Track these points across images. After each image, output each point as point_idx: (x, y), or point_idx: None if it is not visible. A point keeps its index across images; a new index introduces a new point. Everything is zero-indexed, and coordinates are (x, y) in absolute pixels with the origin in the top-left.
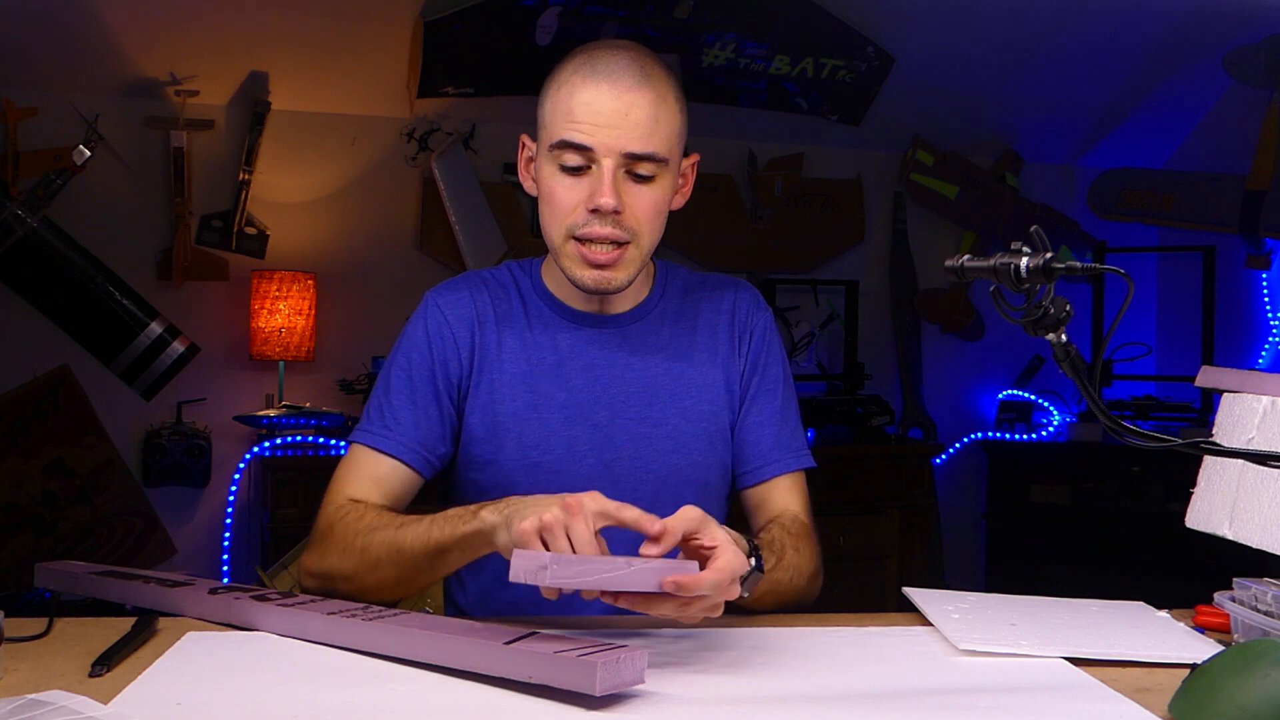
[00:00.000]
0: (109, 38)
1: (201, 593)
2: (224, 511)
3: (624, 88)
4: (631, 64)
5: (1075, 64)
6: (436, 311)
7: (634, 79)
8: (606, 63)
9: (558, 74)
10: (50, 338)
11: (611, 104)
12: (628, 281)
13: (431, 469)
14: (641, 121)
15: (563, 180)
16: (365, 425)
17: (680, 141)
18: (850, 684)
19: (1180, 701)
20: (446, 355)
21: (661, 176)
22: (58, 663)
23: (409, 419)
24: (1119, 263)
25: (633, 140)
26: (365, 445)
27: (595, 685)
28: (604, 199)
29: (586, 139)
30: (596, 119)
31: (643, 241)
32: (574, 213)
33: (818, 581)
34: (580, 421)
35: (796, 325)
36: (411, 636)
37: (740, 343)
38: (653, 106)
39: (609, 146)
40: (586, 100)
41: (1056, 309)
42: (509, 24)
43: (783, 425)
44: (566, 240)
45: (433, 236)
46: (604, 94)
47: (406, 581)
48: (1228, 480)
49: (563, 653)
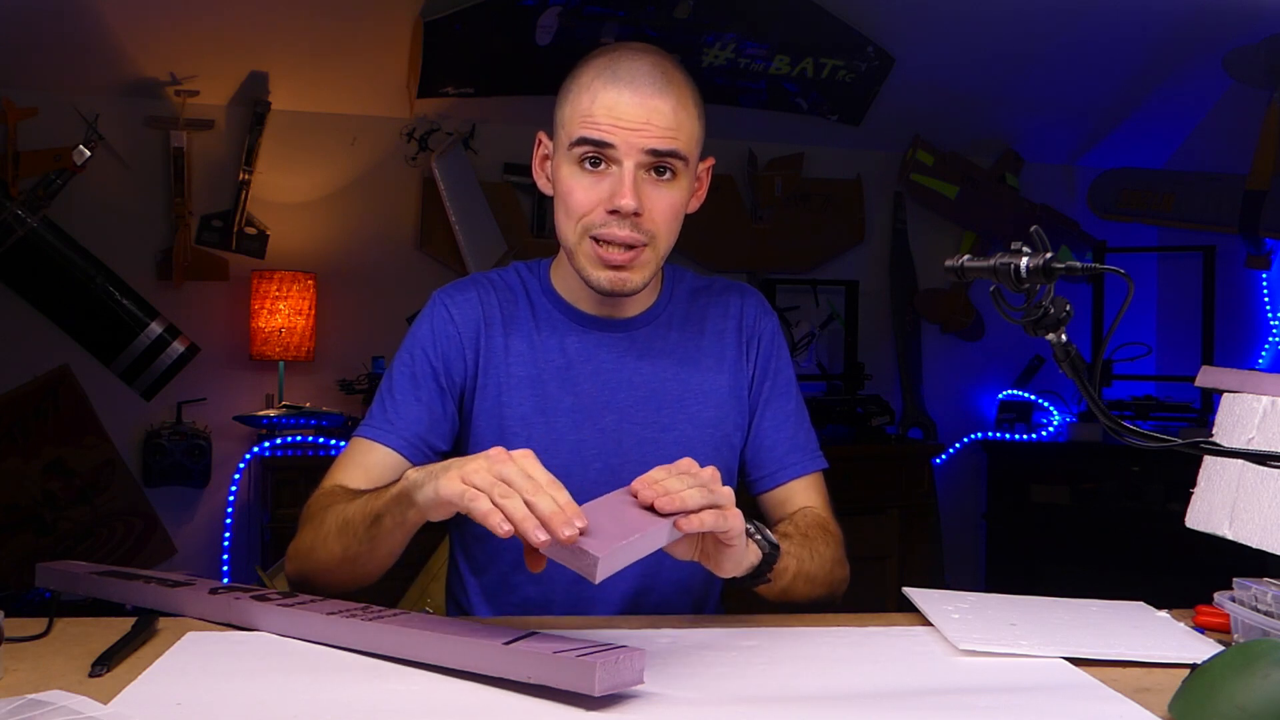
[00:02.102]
0: (109, 38)
1: (202, 593)
2: (224, 511)
3: (646, 94)
4: (653, 69)
5: (1075, 64)
6: (443, 311)
7: (656, 85)
8: (629, 67)
9: (578, 76)
10: (50, 338)
11: (634, 109)
12: (643, 284)
13: (427, 461)
14: (664, 126)
15: (581, 179)
16: (367, 421)
17: (699, 145)
18: (850, 684)
19: (1180, 701)
20: (451, 355)
21: (681, 177)
22: (58, 663)
23: (410, 413)
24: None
25: (655, 138)
26: (363, 438)
27: (594, 685)
28: (624, 200)
29: (608, 135)
30: (619, 121)
31: (660, 244)
32: (592, 212)
33: (846, 575)
34: (588, 425)
35: (796, 325)
36: (411, 636)
37: (748, 349)
38: (673, 112)
39: (631, 145)
40: (608, 104)
41: (1056, 309)
42: (509, 24)
43: (797, 428)
44: (583, 239)
45: (433, 236)
46: (625, 98)
47: (351, 558)
48: (1228, 480)
49: (562, 653)
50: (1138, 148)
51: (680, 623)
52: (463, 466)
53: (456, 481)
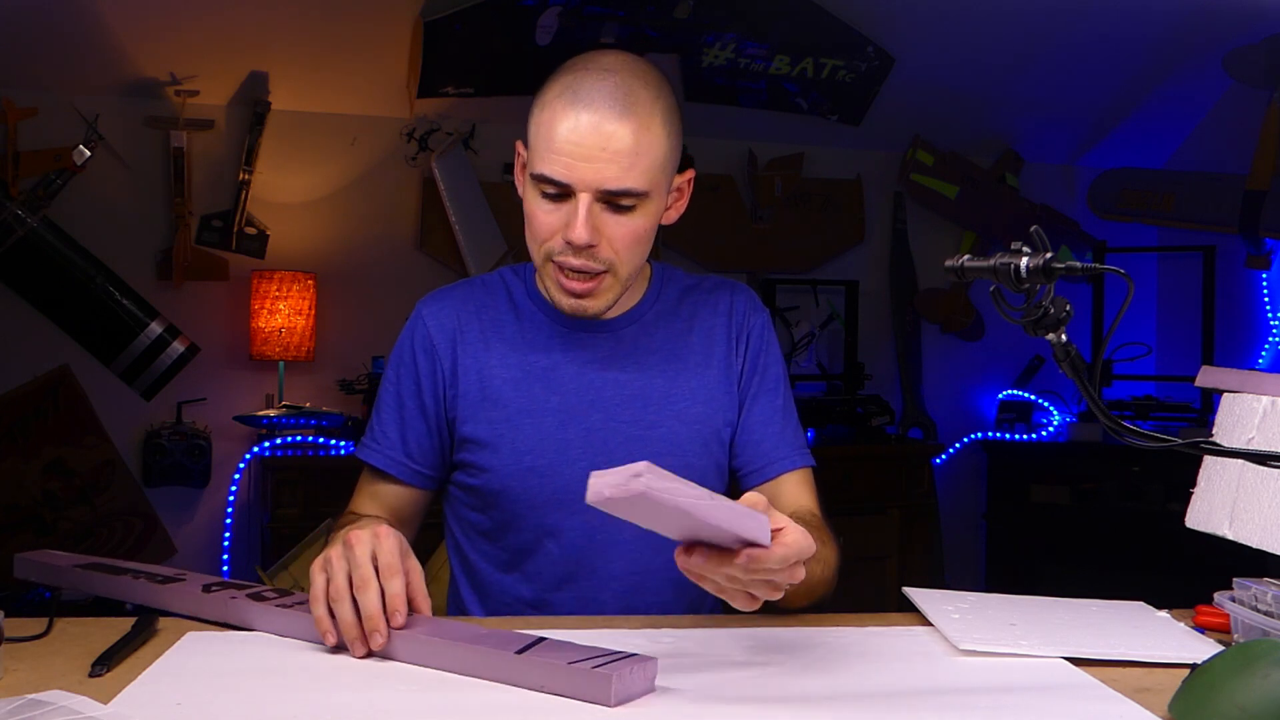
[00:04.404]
0: (109, 38)
1: (195, 589)
2: (224, 511)
3: (603, 118)
4: (614, 91)
5: (1075, 64)
6: (421, 324)
7: (615, 110)
8: (590, 90)
9: (544, 93)
10: (50, 338)
11: (590, 136)
12: (605, 308)
13: (424, 480)
14: (621, 154)
15: (542, 205)
16: (364, 438)
17: (668, 167)
18: (850, 684)
19: (1180, 701)
20: (429, 368)
21: (643, 206)
22: (58, 663)
23: (395, 434)
24: (1119, 263)
25: (609, 176)
26: (362, 459)
27: (610, 697)
28: (575, 233)
29: (564, 174)
30: (575, 151)
31: (621, 269)
32: (552, 239)
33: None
34: (573, 425)
35: (796, 325)
36: (419, 643)
37: (738, 344)
38: (633, 138)
39: (585, 182)
40: (564, 131)
41: (1056, 309)
42: (509, 24)
43: (785, 424)
44: (545, 262)
45: (433, 236)
46: (583, 124)
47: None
48: (1228, 480)
49: (576, 663)
50: (1138, 148)
51: (681, 623)
52: (323, 554)
53: (314, 571)
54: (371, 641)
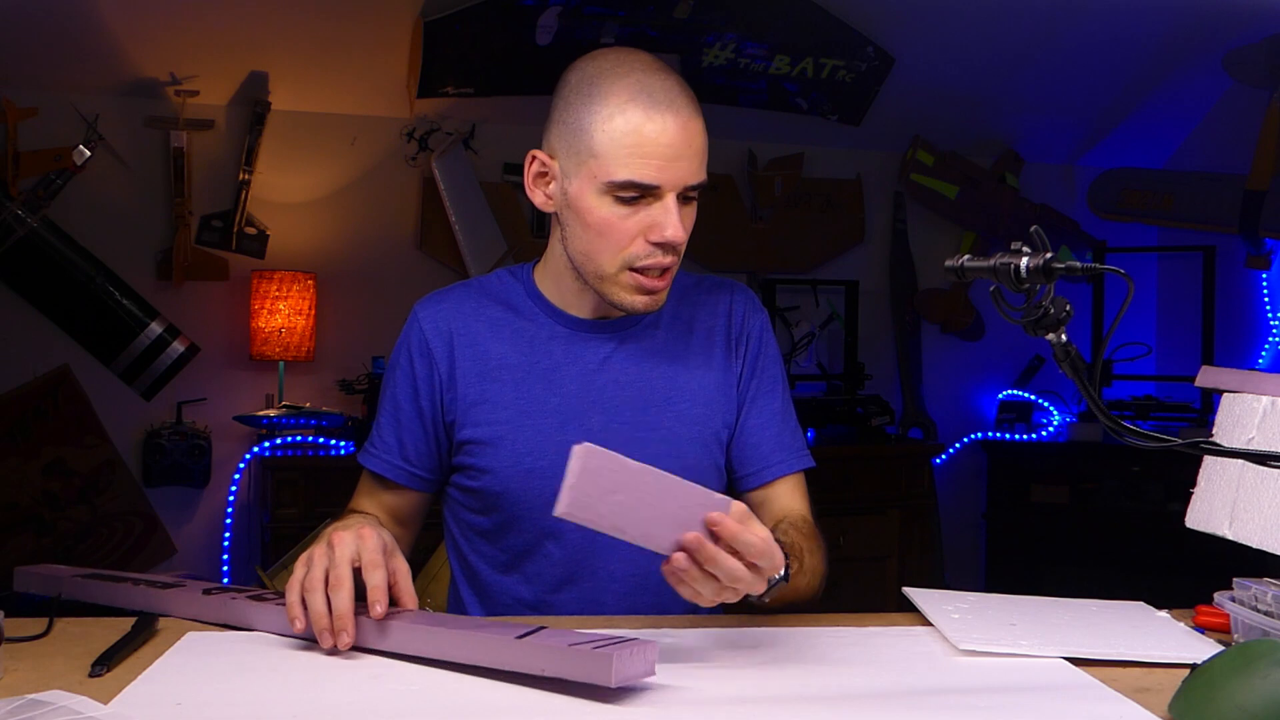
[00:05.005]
0: (109, 38)
1: (195, 594)
2: (224, 512)
3: (685, 116)
4: (681, 87)
5: (1075, 64)
6: (417, 327)
7: (690, 106)
8: (661, 90)
9: (606, 99)
10: (50, 338)
11: (679, 135)
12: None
13: (423, 483)
14: (700, 149)
15: (618, 211)
16: (366, 443)
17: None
18: (850, 684)
19: (1180, 701)
20: (428, 372)
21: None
22: (58, 663)
23: (392, 439)
24: (1119, 263)
25: (693, 171)
26: (361, 464)
27: (611, 677)
28: (672, 232)
29: (655, 176)
30: (665, 152)
31: (681, 257)
32: (633, 244)
33: (824, 582)
34: (572, 426)
35: (796, 325)
36: (421, 633)
37: (737, 345)
38: (703, 131)
39: (675, 181)
40: (653, 133)
41: (1056, 309)
42: (509, 24)
43: (783, 426)
44: (622, 270)
45: (433, 236)
46: (670, 125)
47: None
48: (1228, 480)
49: (577, 645)
50: (1138, 148)
51: (681, 623)
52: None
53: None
54: (338, 640)
